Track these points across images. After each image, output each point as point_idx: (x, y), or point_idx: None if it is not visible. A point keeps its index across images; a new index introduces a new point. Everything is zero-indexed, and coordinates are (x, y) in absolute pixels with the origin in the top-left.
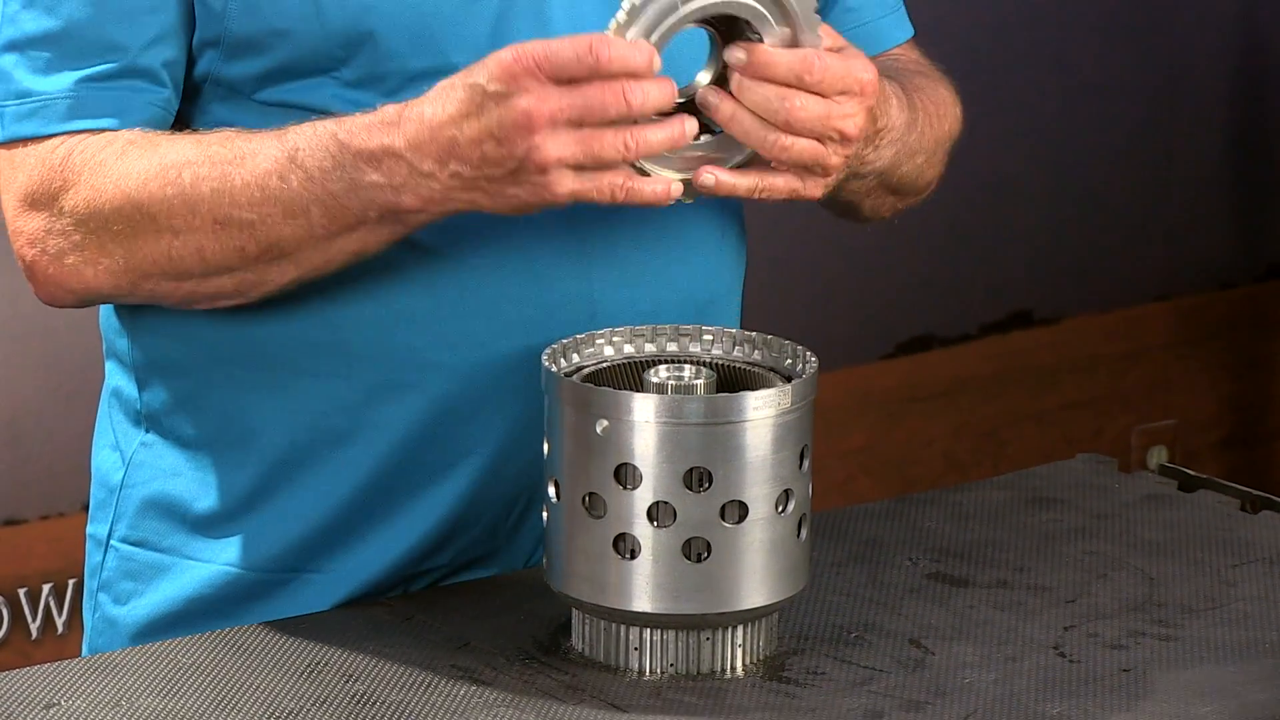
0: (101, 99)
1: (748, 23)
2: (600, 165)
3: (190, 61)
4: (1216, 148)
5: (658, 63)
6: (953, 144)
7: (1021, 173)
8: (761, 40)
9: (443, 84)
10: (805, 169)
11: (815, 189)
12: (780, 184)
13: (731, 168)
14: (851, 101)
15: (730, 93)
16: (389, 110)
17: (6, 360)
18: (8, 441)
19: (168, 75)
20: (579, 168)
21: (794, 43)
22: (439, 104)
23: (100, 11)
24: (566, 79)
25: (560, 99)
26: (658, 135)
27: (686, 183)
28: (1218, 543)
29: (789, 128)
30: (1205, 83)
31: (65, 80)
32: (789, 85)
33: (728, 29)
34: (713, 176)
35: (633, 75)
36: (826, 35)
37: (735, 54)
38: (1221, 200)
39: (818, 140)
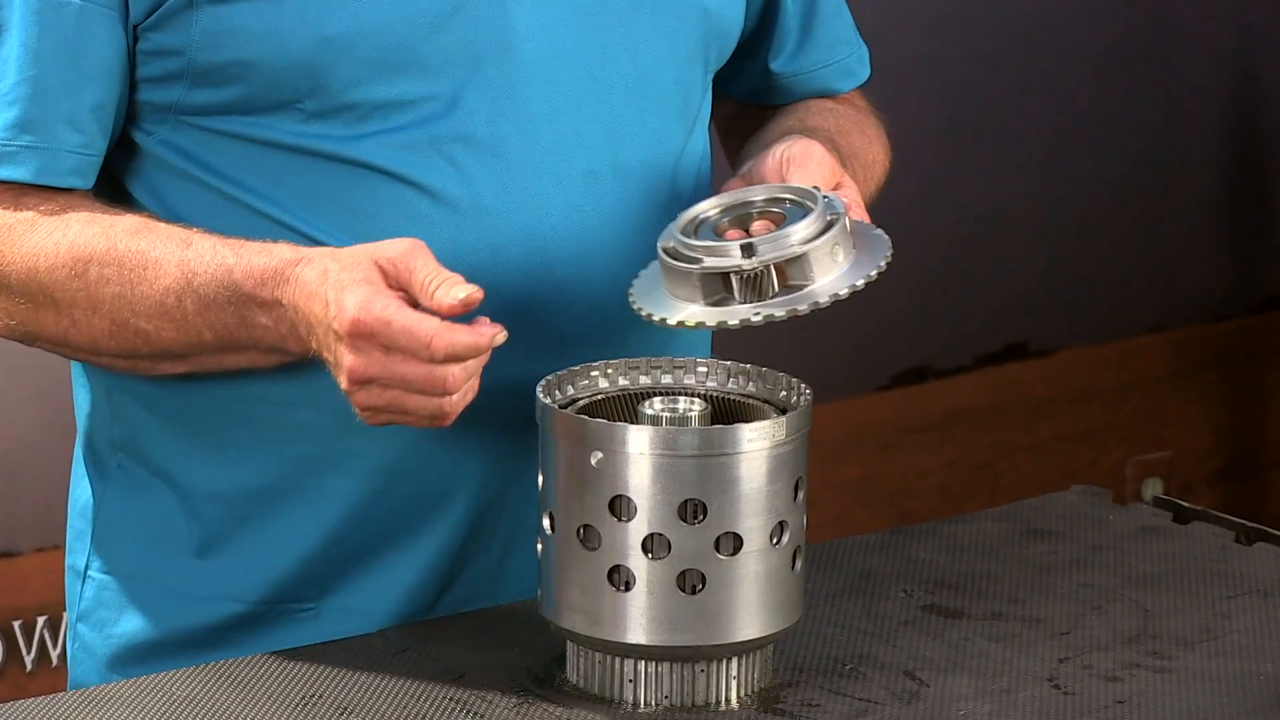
0: (23, 150)
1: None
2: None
3: (139, 89)
4: (1212, 180)
5: (501, 338)
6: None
7: (1017, 205)
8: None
9: (325, 264)
10: None
11: None
12: None
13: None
14: None
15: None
16: (284, 254)
17: (1, 393)
18: (3, 474)
19: (93, 120)
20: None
21: None
22: (314, 293)
23: (26, 52)
24: (399, 350)
25: (380, 367)
26: (456, 404)
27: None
28: (1213, 574)
29: None
30: (1201, 115)
31: None
32: None
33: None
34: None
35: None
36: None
37: None
38: (1217, 232)
39: None
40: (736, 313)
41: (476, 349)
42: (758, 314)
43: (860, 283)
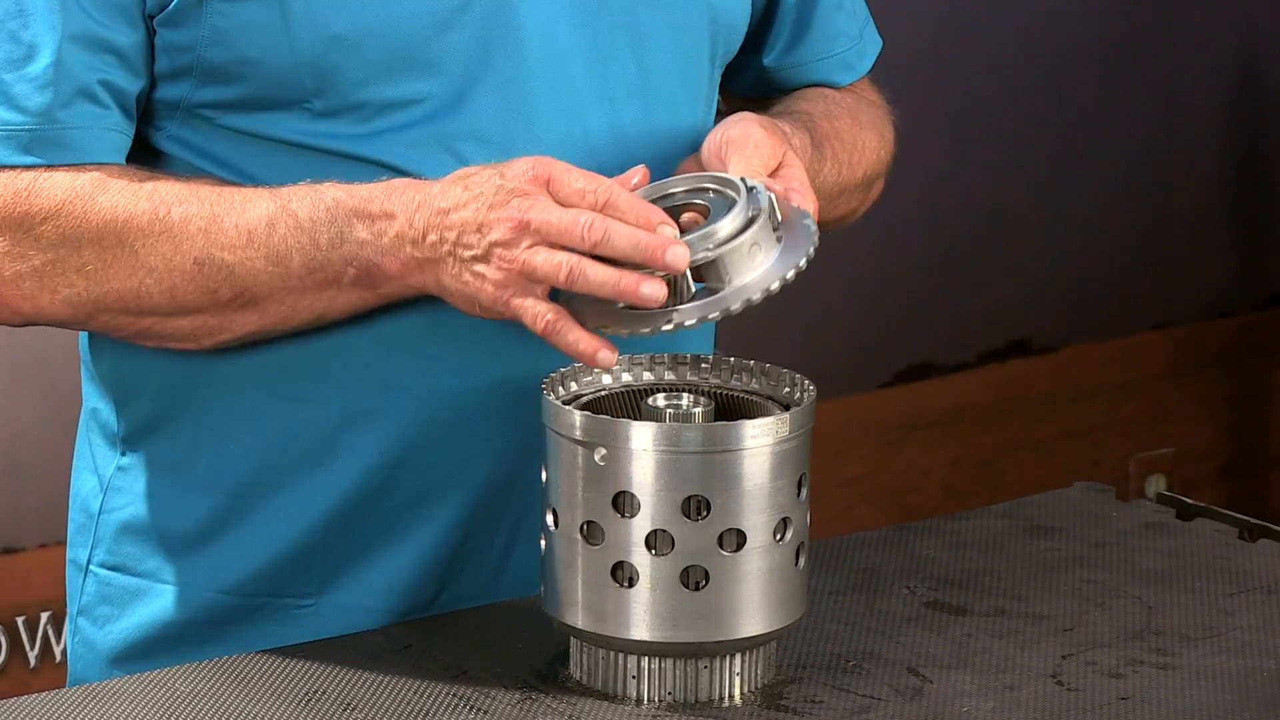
0: (64, 132)
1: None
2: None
3: (152, 86)
4: (1214, 177)
5: (682, 250)
6: (874, 179)
7: (1020, 202)
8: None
9: (462, 171)
10: None
11: None
12: None
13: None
14: None
15: None
16: (399, 181)
17: (5, 389)
18: (6, 470)
19: (120, 104)
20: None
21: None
22: (448, 187)
23: (55, 36)
24: (574, 191)
25: (544, 209)
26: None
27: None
28: (1215, 571)
29: None
30: (1204, 112)
31: (26, 109)
32: None
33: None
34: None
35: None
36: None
37: None
38: (1219, 229)
39: None
40: (649, 320)
41: (647, 214)
42: (669, 322)
43: (775, 286)
